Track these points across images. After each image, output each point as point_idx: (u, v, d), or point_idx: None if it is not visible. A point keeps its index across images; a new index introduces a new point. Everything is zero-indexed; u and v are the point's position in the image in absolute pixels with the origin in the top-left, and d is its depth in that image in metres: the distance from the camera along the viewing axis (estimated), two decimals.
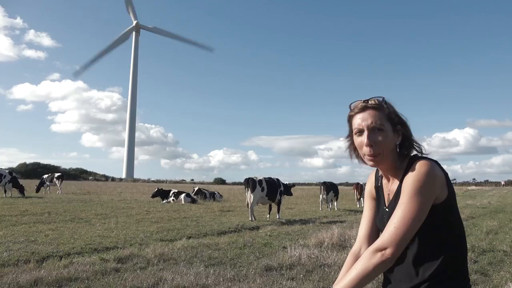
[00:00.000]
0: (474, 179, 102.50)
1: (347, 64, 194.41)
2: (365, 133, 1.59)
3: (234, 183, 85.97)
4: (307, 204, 20.41)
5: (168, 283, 4.73)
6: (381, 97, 1.65)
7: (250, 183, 12.37)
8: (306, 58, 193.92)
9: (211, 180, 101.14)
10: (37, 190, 24.35)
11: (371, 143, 1.57)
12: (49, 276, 4.86)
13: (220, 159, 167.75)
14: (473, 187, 63.02)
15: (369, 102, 1.63)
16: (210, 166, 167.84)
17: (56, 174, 26.68)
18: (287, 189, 14.12)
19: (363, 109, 1.63)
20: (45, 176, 26.34)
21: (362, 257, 1.52)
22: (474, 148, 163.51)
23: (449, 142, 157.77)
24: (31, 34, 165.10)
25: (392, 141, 1.61)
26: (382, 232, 1.67)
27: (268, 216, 13.02)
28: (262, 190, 12.49)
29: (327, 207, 17.03)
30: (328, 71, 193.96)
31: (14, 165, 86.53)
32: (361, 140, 1.61)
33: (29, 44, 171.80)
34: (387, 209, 1.69)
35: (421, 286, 1.54)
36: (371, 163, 1.62)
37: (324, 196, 16.84)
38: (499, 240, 8.47)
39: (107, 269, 5.33)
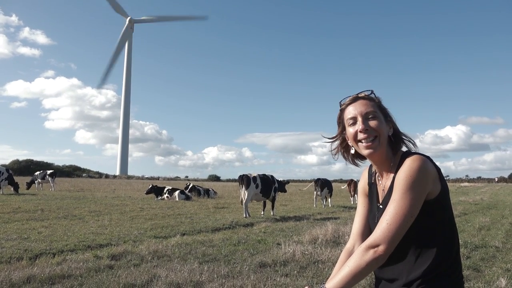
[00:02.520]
0: (467, 175, 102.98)
1: (341, 61, 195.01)
2: (359, 120, 1.60)
3: (228, 180, 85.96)
4: (301, 200, 20.45)
5: (162, 280, 4.72)
6: (369, 90, 1.67)
7: (245, 180, 12.37)
8: (300, 55, 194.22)
9: (206, 177, 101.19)
10: (28, 187, 24.13)
11: (366, 128, 1.57)
12: (42, 273, 4.83)
13: (215, 156, 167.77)
14: (466, 184, 63.34)
15: (359, 95, 1.66)
16: (205, 163, 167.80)
17: (49, 171, 26.46)
18: (281, 185, 14.14)
19: (354, 100, 1.65)
20: (37, 173, 26.15)
21: (355, 254, 1.52)
22: (466, 145, 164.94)
23: (442, 139, 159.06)
24: (26, 32, 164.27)
25: (386, 130, 1.62)
26: (373, 229, 1.68)
27: (262, 212, 13.03)
28: (257, 187, 12.50)
29: (322, 203, 17.13)
30: (322, 68, 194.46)
31: (7, 162, 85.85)
32: (355, 128, 1.61)
33: (24, 42, 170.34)
34: (381, 206, 1.68)
35: (415, 282, 1.54)
36: (368, 150, 1.59)
37: (319, 193, 16.90)
38: (491, 236, 8.56)
39: (101, 266, 5.31)
